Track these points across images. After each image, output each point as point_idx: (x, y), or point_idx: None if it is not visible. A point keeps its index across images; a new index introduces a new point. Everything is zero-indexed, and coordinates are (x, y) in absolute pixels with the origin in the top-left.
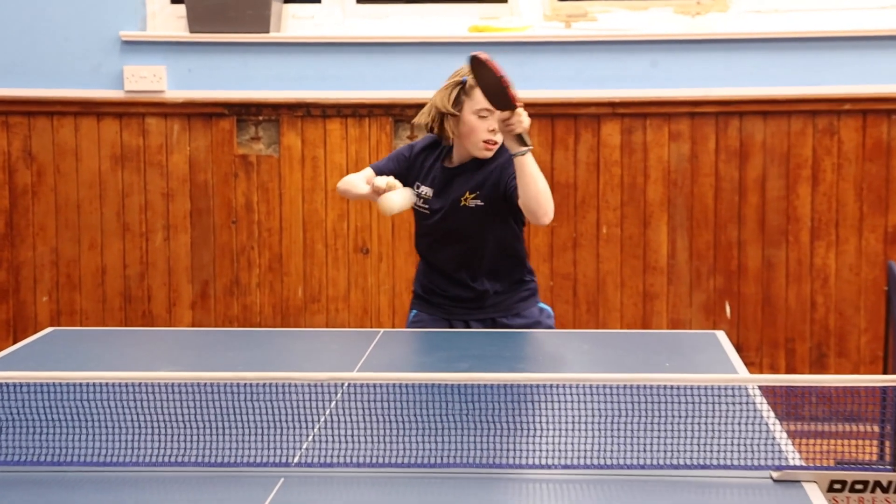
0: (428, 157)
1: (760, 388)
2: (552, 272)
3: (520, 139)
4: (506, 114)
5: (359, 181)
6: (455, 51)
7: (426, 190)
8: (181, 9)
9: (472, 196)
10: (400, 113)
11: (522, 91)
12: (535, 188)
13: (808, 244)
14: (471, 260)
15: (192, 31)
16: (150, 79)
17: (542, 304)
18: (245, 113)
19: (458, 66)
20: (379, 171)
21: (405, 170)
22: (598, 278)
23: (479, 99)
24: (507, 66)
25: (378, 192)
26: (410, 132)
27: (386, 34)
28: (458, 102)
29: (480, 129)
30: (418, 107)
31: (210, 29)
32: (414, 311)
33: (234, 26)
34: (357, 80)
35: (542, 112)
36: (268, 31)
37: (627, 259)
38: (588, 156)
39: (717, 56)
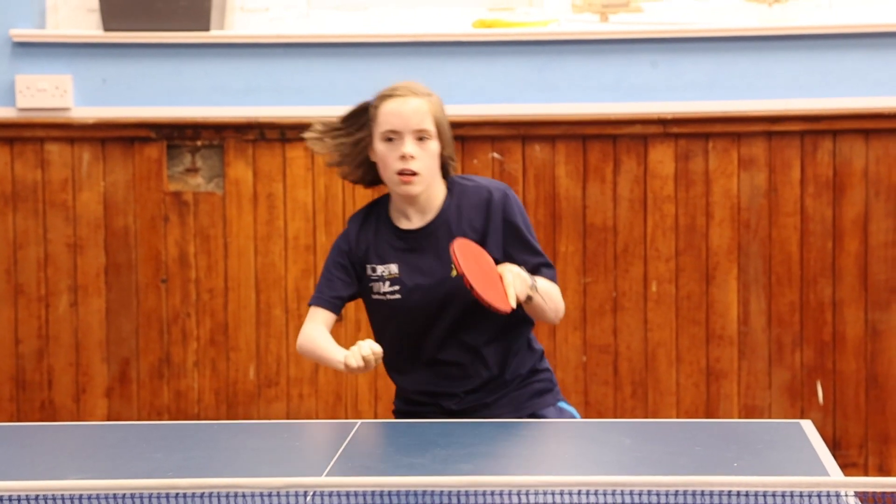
0: (370, 226)
1: (860, 495)
2: (585, 343)
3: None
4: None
5: (325, 341)
6: (455, 53)
7: (384, 269)
8: (92, 0)
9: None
10: None
11: (545, 104)
12: (551, 315)
13: None
14: (465, 340)
15: (106, 30)
16: (52, 92)
17: (563, 404)
18: (178, 136)
19: (459, 71)
20: (329, 303)
21: (351, 267)
22: (647, 351)
23: (383, 119)
24: (524, 71)
25: (362, 369)
26: None
27: (364, 32)
28: (366, 131)
29: (390, 158)
30: None
31: (131, 26)
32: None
33: (163, 23)
34: (326, 93)
35: (571, 132)
36: (208, 29)
37: (685, 326)
38: (632, 189)
39: (804, 57)
